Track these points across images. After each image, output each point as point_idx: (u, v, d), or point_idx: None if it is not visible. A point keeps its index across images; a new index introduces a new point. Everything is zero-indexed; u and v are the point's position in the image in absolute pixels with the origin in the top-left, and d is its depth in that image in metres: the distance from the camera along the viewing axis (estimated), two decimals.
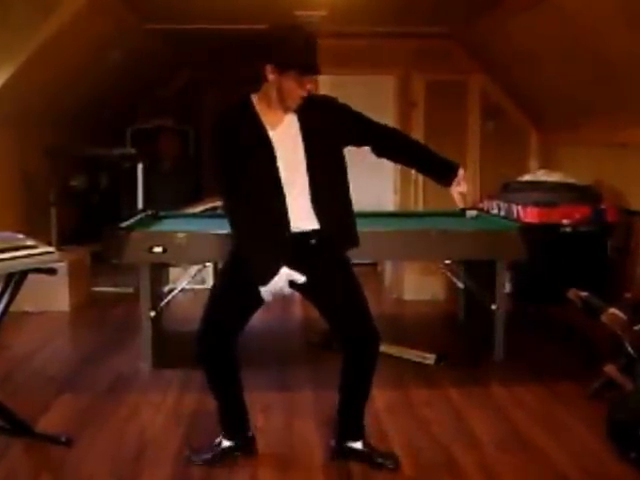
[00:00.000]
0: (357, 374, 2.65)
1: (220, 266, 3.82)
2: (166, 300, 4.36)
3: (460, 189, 2.69)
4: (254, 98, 2.55)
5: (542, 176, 5.41)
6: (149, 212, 4.57)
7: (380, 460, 2.66)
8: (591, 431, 2.97)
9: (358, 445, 2.68)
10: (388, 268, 5.88)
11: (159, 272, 4.36)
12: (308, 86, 2.45)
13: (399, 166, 6.80)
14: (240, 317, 2.64)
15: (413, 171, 7.07)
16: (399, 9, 5.64)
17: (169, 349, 4.12)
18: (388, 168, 7.18)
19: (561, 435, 2.96)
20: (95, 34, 5.45)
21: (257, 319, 5.03)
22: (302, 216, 2.52)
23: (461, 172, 2.69)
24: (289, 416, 3.18)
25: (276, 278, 2.44)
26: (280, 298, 2.59)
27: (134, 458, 2.74)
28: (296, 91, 2.44)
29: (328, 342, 4.01)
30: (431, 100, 7.12)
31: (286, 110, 2.50)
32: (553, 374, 3.70)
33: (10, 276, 2.79)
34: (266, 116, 2.51)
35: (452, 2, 5.37)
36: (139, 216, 4.39)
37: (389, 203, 7.23)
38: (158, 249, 3.61)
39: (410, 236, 3.84)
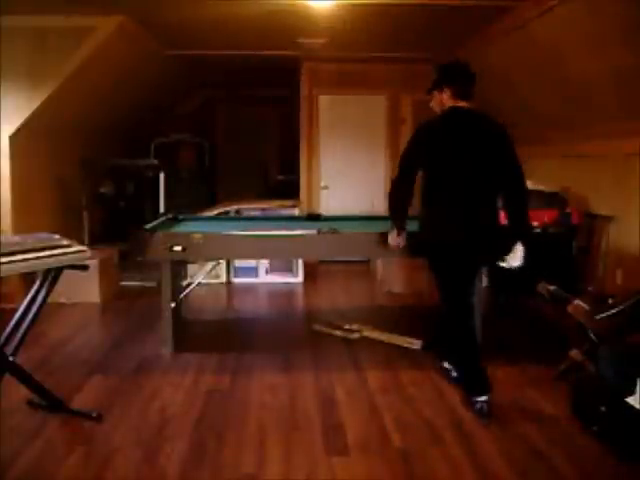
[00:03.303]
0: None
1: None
2: (185, 293, 4.36)
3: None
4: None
5: None
6: (169, 215, 4.57)
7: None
8: (557, 408, 2.98)
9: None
10: (380, 265, 5.88)
11: (178, 268, 4.37)
12: None
13: (390, 170, 6.83)
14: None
15: None
16: (389, 37, 5.66)
17: (187, 336, 4.14)
18: (379, 172, 7.18)
19: (531, 411, 2.97)
20: (122, 59, 5.46)
21: (264, 308, 5.07)
22: None
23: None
24: (293, 394, 3.19)
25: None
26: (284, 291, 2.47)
27: (156, 431, 2.75)
28: None
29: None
30: (417, 117, 7.09)
31: None
32: (524, 357, 3.70)
33: (47, 272, 2.80)
34: None
35: (435, 32, 5.38)
36: (161, 219, 4.40)
37: (381, 206, 7.21)
38: (178, 248, 3.61)
39: None
